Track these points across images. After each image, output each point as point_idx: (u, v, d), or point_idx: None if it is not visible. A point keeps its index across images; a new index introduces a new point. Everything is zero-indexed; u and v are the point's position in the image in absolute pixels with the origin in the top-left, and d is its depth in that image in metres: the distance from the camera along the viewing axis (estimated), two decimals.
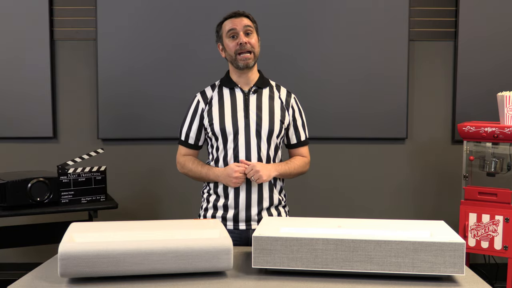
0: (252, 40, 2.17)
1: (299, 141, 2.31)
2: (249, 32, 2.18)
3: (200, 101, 2.26)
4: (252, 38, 2.18)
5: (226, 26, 2.19)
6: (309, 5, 3.65)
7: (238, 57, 2.16)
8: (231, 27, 2.17)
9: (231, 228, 2.21)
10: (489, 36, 3.69)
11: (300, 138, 2.31)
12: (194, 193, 2.08)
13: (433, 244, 1.62)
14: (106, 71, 3.66)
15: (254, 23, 2.22)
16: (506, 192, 3.09)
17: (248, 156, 2.17)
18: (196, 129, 2.26)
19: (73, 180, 2.98)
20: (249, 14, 2.22)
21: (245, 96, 2.21)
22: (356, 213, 3.67)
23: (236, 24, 2.16)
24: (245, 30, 2.17)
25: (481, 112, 3.64)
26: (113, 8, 3.64)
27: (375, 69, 3.69)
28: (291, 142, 2.31)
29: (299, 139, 2.30)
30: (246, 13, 2.22)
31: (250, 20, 2.20)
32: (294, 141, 2.30)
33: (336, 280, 1.66)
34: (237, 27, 2.16)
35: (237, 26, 2.16)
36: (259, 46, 2.22)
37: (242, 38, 2.15)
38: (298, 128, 2.30)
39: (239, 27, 2.16)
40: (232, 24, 2.17)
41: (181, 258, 1.65)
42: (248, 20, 2.19)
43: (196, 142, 2.28)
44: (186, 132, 2.28)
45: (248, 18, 2.20)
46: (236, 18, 2.18)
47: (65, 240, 1.68)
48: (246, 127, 2.18)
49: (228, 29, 2.18)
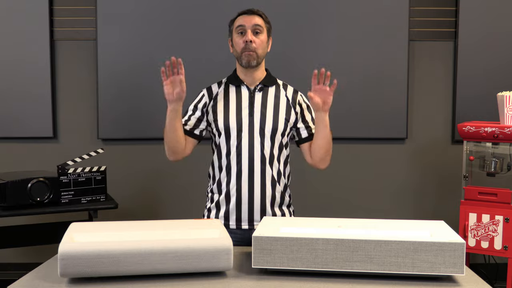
0: (258, 40, 2.16)
1: (311, 135, 2.25)
2: (258, 31, 2.17)
3: (205, 95, 2.26)
4: (259, 38, 2.17)
5: (237, 22, 2.19)
6: (309, 5, 3.66)
7: (242, 55, 2.16)
8: (241, 23, 2.17)
9: (234, 227, 2.20)
10: (489, 36, 3.69)
11: (312, 131, 2.25)
12: (194, 193, 2.08)
13: (433, 244, 1.62)
14: (106, 71, 3.67)
15: (266, 23, 2.21)
16: (506, 192, 3.09)
17: (251, 153, 2.16)
18: (196, 119, 2.24)
19: (73, 180, 2.98)
20: (262, 13, 2.21)
21: (251, 94, 2.21)
22: (356, 213, 3.67)
23: (246, 22, 2.16)
24: (253, 29, 2.16)
25: (481, 112, 3.64)
26: (113, 8, 3.64)
27: (375, 69, 3.70)
28: (302, 137, 2.26)
29: (310, 133, 2.25)
30: (260, 12, 2.20)
31: (262, 19, 2.19)
32: (306, 135, 2.25)
33: (336, 280, 1.66)
34: (246, 25, 2.16)
35: (246, 24, 2.16)
36: (266, 47, 2.21)
37: (249, 36, 2.14)
38: (309, 123, 2.26)
39: (248, 25, 2.16)
40: (242, 21, 2.17)
41: (181, 258, 1.65)
42: (260, 19, 2.18)
43: (192, 129, 2.23)
44: (185, 120, 2.24)
45: (261, 17, 2.19)
46: (248, 16, 2.17)
47: (65, 240, 1.68)
48: (250, 124, 2.17)
49: (237, 25, 2.18)
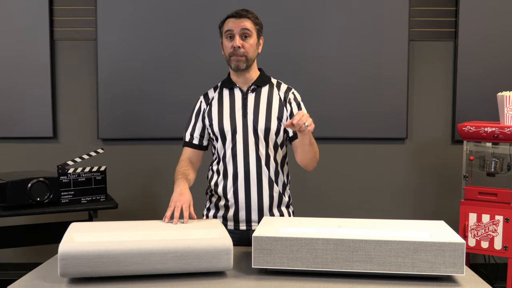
0: (247, 44, 2.14)
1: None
2: (247, 35, 2.14)
3: (202, 102, 2.27)
4: (248, 42, 2.14)
5: (225, 26, 2.17)
6: (309, 5, 3.65)
7: (231, 59, 2.16)
8: (229, 28, 2.15)
9: (232, 228, 2.20)
10: (489, 36, 3.69)
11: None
12: (194, 193, 2.08)
13: (433, 244, 1.62)
14: (106, 71, 3.67)
15: (256, 25, 2.17)
16: (506, 192, 3.09)
17: (246, 155, 2.16)
18: (200, 129, 2.26)
19: (73, 180, 2.98)
20: (251, 14, 2.17)
21: (244, 96, 2.21)
22: (356, 213, 3.67)
23: (234, 26, 2.13)
24: (242, 33, 2.13)
25: (481, 112, 3.64)
26: (113, 8, 3.64)
27: (375, 69, 3.69)
28: (289, 135, 2.24)
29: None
30: (249, 14, 2.17)
31: (251, 21, 2.16)
32: (292, 133, 2.23)
33: (336, 280, 1.66)
34: (234, 29, 2.13)
35: (234, 28, 2.13)
36: (256, 49, 2.19)
37: (237, 41, 2.12)
38: None
39: (236, 29, 2.13)
40: (230, 25, 2.15)
41: (181, 258, 1.65)
42: (248, 21, 2.15)
43: (200, 142, 2.26)
44: (190, 133, 2.27)
45: (250, 19, 2.15)
46: (236, 19, 2.14)
47: (65, 240, 1.68)
48: (244, 126, 2.17)
49: (226, 30, 2.16)
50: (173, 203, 2.00)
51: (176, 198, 2.02)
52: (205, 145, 2.28)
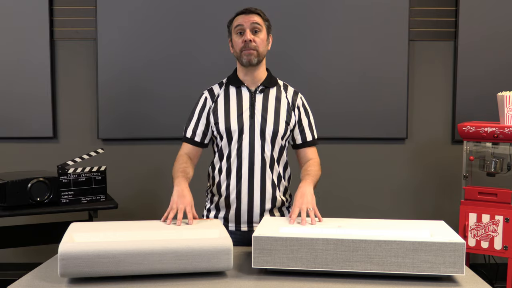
0: (258, 39, 2.14)
1: (305, 142, 2.26)
2: (257, 30, 2.15)
3: (208, 98, 2.23)
4: (259, 37, 2.15)
5: (235, 22, 2.17)
6: (309, 5, 3.66)
7: (242, 54, 2.15)
8: (239, 23, 2.15)
9: (233, 229, 2.19)
10: (489, 36, 3.69)
11: (306, 138, 2.26)
12: (194, 193, 2.07)
13: (433, 244, 1.62)
14: (106, 71, 3.67)
15: (265, 21, 2.19)
16: (506, 192, 3.09)
17: (252, 156, 2.15)
18: (204, 127, 2.22)
19: (73, 180, 2.98)
20: (260, 11, 2.19)
21: (252, 96, 2.19)
22: (356, 213, 3.67)
23: (244, 21, 2.14)
24: (252, 28, 2.14)
25: (481, 112, 3.64)
26: (113, 8, 3.64)
27: (375, 69, 3.70)
28: (297, 143, 2.26)
29: (304, 140, 2.26)
30: (258, 10, 2.18)
31: (260, 17, 2.17)
32: (300, 141, 2.26)
33: (336, 280, 1.66)
34: (244, 24, 2.14)
35: (244, 23, 2.14)
36: (267, 45, 2.20)
37: (248, 35, 2.12)
38: (304, 128, 2.25)
39: (247, 24, 2.14)
40: (240, 21, 2.15)
41: (181, 258, 1.65)
42: (258, 17, 2.16)
43: (202, 139, 2.23)
44: (192, 129, 2.23)
45: (259, 16, 2.17)
46: (246, 15, 2.15)
47: (65, 240, 1.68)
48: (251, 127, 2.16)
49: (236, 25, 2.16)
50: (175, 205, 1.99)
51: (177, 199, 2.01)
52: (206, 143, 2.26)
